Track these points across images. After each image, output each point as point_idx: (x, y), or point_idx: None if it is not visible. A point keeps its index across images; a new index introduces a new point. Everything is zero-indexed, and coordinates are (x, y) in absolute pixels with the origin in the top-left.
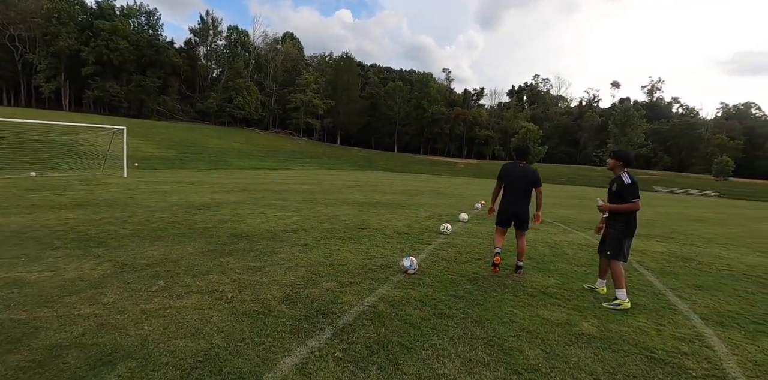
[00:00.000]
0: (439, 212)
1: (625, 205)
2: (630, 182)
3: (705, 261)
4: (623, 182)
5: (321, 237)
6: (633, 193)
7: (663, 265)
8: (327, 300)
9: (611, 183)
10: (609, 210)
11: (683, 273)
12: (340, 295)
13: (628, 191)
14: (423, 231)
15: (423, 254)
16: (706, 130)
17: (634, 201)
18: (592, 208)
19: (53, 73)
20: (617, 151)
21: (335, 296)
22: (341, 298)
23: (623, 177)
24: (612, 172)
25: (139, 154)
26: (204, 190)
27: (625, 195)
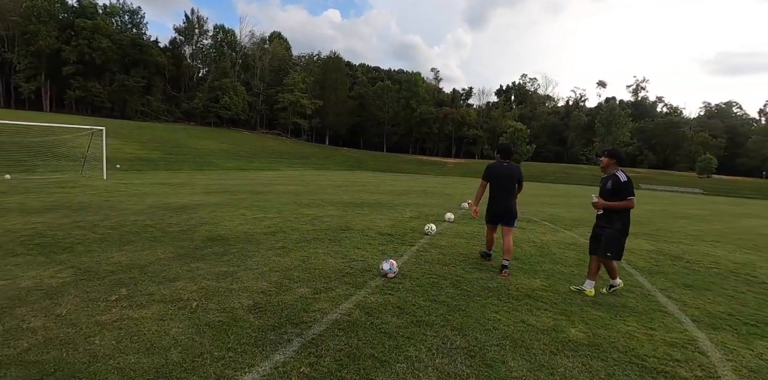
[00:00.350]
0: (426, 212)
1: (621, 203)
2: (626, 180)
3: (693, 260)
4: (619, 180)
5: (300, 240)
6: (628, 191)
7: (651, 264)
8: (298, 308)
9: (604, 181)
10: (604, 208)
11: (672, 272)
12: (314, 302)
13: (624, 188)
14: (407, 232)
15: (405, 256)
16: (689, 128)
17: (630, 199)
18: (579, 206)
19: (33, 72)
20: (611, 149)
21: (308, 303)
22: (314, 306)
23: (618, 175)
24: (604, 170)
25: (121, 155)
26: (185, 191)
27: (621, 192)
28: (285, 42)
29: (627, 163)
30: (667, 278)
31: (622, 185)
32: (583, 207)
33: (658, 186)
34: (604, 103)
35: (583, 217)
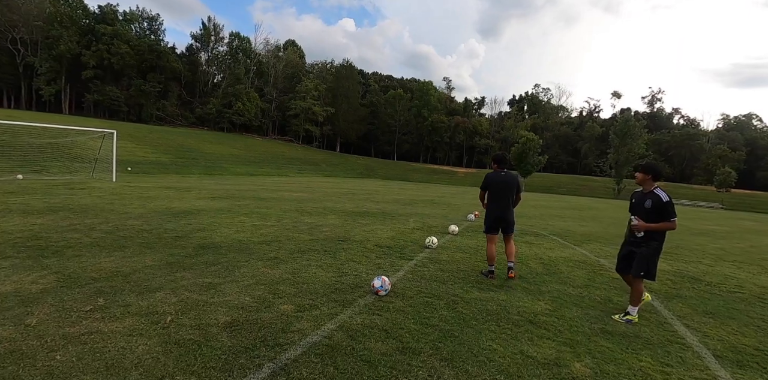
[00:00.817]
0: (430, 223)
1: (663, 225)
2: (668, 200)
3: (714, 282)
4: (660, 200)
5: (294, 250)
6: (671, 212)
7: (669, 287)
8: (277, 328)
9: (640, 198)
10: (645, 230)
11: (691, 296)
12: (295, 321)
13: (666, 209)
14: (407, 245)
15: (401, 271)
16: (707, 140)
17: (672, 221)
18: (591, 220)
19: (54, 76)
20: (645, 163)
21: (288, 322)
22: (294, 325)
23: (659, 193)
24: (640, 186)
25: (133, 158)
26: (190, 196)
27: (662, 213)
28: (299, 50)
29: None
30: (685, 303)
31: (664, 206)
32: (595, 221)
33: (675, 200)
34: (619, 114)
35: (594, 232)
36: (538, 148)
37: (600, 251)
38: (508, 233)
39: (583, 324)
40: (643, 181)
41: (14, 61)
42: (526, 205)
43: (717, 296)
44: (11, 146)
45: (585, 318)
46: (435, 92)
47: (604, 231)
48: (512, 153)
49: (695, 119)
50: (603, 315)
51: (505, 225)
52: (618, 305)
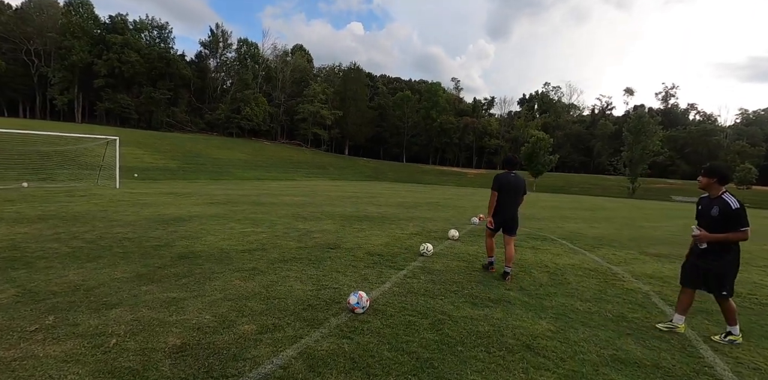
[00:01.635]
0: (430, 227)
1: (732, 235)
2: (737, 206)
3: (743, 293)
4: (729, 207)
5: (277, 260)
6: (742, 220)
7: None
8: (229, 354)
9: (707, 205)
10: (708, 241)
11: (716, 311)
12: (252, 346)
13: (736, 217)
14: (400, 252)
15: (387, 284)
16: (725, 136)
17: (743, 230)
18: (605, 221)
19: (67, 85)
20: (709, 165)
21: (244, 347)
22: (249, 351)
23: (727, 199)
24: (705, 191)
25: (141, 164)
26: (187, 202)
27: (731, 222)
28: (306, 54)
29: (657, 173)
30: (711, 319)
31: (733, 213)
32: (608, 222)
33: (692, 198)
34: (632, 111)
35: (606, 235)
36: (549, 148)
37: (613, 257)
38: (510, 234)
39: (590, 350)
40: (707, 185)
41: (29, 72)
42: (535, 206)
43: (747, 309)
44: (23, 155)
45: (593, 341)
46: (443, 93)
47: (617, 233)
48: (522, 153)
49: (712, 115)
50: (615, 336)
51: (510, 225)
52: (633, 322)
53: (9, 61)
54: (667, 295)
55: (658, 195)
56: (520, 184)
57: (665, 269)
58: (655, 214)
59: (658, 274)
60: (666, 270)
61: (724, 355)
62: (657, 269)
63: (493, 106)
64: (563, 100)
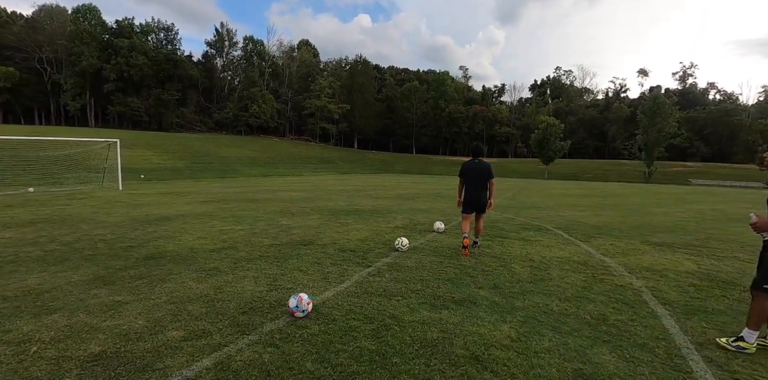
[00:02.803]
0: (420, 220)
1: None
2: None
3: None
4: None
5: (243, 258)
6: None
7: (690, 296)
8: (141, 364)
9: None
10: None
11: (718, 310)
12: (169, 355)
13: None
14: (375, 248)
15: (346, 283)
16: (747, 115)
17: None
18: (612, 209)
19: (79, 91)
20: None
21: (161, 356)
22: (163, 361)
23: None
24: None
25: (149, 165)
26: (182, 201)
27: None
28: (312, 49)
29: (675, 156)
30: (710, 322)
31: None
32: (615, 209)
33: (712, 181)
34: (648, 93)
35: (608, 223)
36: (560, 133)
37: (609, 248)
38: (480, 213)
39: (551, 363)
40: None
41: (42, 80)
42: (541, 194)
43: None
44: (32, 161)
45: (559, 351)
46: (452, 82)
47: (622, 221)
48: (532, 139)
49: (733, 93)
50: (588, 344)
51: (478, 206)
52: (615, 327)
53: (23, 69)
54: (662, 292)
55: (675, 179)
56: (484, 169)
57: (665, 260)
58: (669, 199)
59: (655, 267)
60: (666, 262)
61: (719, 367)
62: (656, 261)
63: (504, 94)
64: (576, 84)
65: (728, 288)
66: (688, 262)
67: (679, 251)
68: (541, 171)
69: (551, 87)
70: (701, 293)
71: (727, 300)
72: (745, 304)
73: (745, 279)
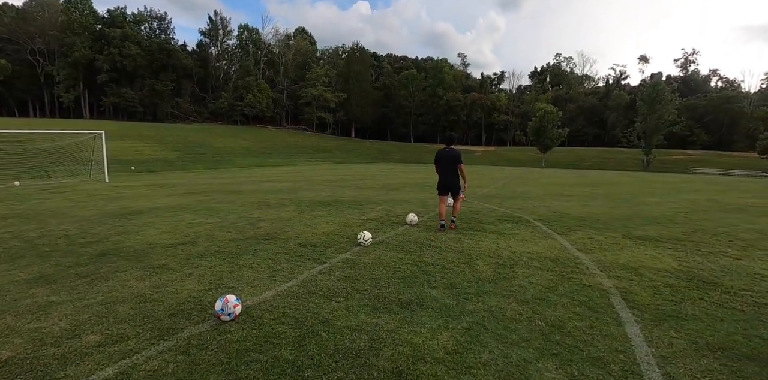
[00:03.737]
0: (397, 211)
1: None
2: None
3: (736, 288)
4: None
5: (197, 254)
6: None
7: (662, 299)
8: (42, 373)
9: None
10: None
11: (692, 316)
12: (74, 362)
13: None
14: (339, 242)
15: (292, 281)
16: (749, 103)
17: None
18: (604, 198)
19: (72, 83)
20: None
21: (63, 364)
22: (64, 370)
23: None
24: None
25: (141, 157)
26: (163, 193)
27: None
28: (309, 36)
29: (675, 144)
30: (681, 330)
31: None
32: (606, 199)
33: (711, 169)
34: (648, 80)
35: (594, 214)
36: (558, 121)
37: (587, 242)
38: (455, 196)
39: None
40: None
41: (35, 72)
42: (534, 184)
43: (736, 313)
44: (23, 154)
45: (497, 366)
46: (450, 70)
47: (608, 212)
48: (530, 127)
49: (735, 80)
50: (534, 358)
51: (452, 190)
52: (570, 336)
53: (15, 61)
54: (633, 293)
55: (675, 168)
56: (453, 156)
57: (644, 256)
58: (664, 188)
59: (632, 264)
60: (644, 258)
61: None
62: (633, 257)
63: (504, 81)
64: (576, 71)
65: (708, 289)
66: (668, 258)
67: (661, 245)
68: (539, 159)
69: (551, 74)
70: (676, 295)
71: (704, 303)
72: (724, 308)
73: (728, 279)
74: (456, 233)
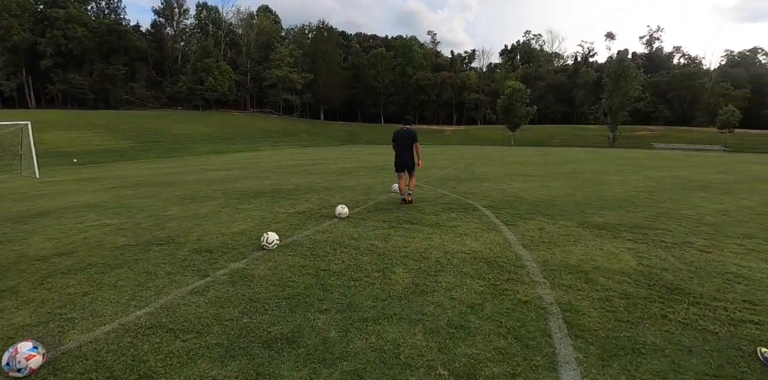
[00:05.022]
0: (334, 201)
1: None
2: None
3: (706, 297)
4: None
5: (63, 270)
6: None
7: (615, 319)
8: None
9: None
10: None
11: (654, 346)
12: None
13: None
14: (244, 245)
15: (144, 309)
16: (709, 79)
17: None
18: (565, 178)
19: (12, 69)
20: None
21: None
22: None
23: None
24: None
25: (87, 147)
26: (88, 188)
27: None
28: (273, 15)
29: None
30: (636, 371)
31: None
32: (568, 178)
33: (674, 144)
34: (615, 57)
35: (553, 197)
36: (526, 98)
37: (536, 235)
38: (410, 172)
39: None
40: None
41: None
42: (498, 163)
43: (708, 338)
44: None
45: None
46: (420, 48)
47: (569, 194)
48: (498, 106)
49: (696, 57)
50: None
51: (407, 166)
52: None
53: None
54: (579, 313)
55: (639, 144)
56: (409, 135)
57: (599, 253)
58: (629, 165)
59: (584, 264)
60: (599, 256)
61: None
62: (587, 253)
63: (475, 59)
64: (545, 48)
65: (672, 299)
66: (627, 255)
67: (620, 236)
68: (508, 138)
69: (521, 52)
70: (633, 312)
71: (668, 324)
72: (692, 331)
73: (696, 283)
74: (388, 226)
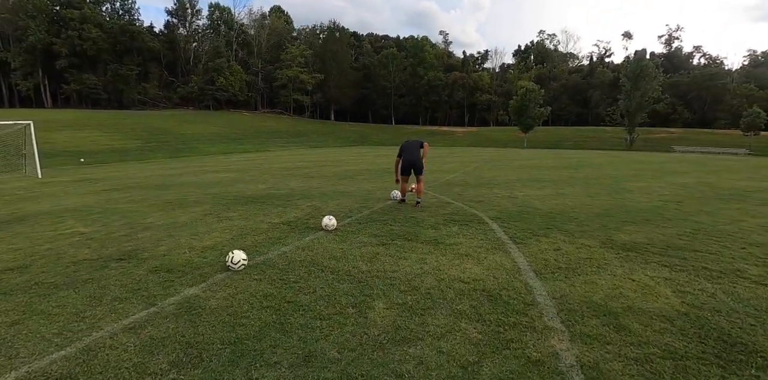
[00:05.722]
0: (326, 209)
1: None
2: None
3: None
4: None
5: (3, 292)
6: None
7: None
8: None
9: None
10: None
11: None
12: None
13: None
14: (211, 263)
15: (63, 351)
16: (731, 80)
17: None
18: (583, 184)
19: (29, 69)
20: None
21: None
22: None
23: None
24: None
25: (95, 147)
26: (81, 190)
27: None
28: (285, 15)
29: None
30: None
31: None
32: (585, 184)
33: (695, 147)
34: (632, 56)
35: (569, 207)
36: (540, 99)
37: (551, 257)
38: (418, 174)
39: None
40: None
41: None
42: (509, 167)
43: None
44: None
45: None
46: (431, 48)
47: (588, 203)
48: (511, 106)
49: (717, 57)
50: None
51: (415, 168)
52: None
53: None
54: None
55: (659, 147)
56: (417, 142)
57: (630, 285)
58: (649, 170)
59: (612, 302)
60: (631, 289)
61: None
62: (615, 286)
63: (487, 60)
64: (560, 48)
65: (734, 360)
66: (665, 288)
67: (653, 260)
68: (521, 139)
69: (535, 52)
70: (682, 371)
71: None
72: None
73: (761, 333)
74: (377, 242)
